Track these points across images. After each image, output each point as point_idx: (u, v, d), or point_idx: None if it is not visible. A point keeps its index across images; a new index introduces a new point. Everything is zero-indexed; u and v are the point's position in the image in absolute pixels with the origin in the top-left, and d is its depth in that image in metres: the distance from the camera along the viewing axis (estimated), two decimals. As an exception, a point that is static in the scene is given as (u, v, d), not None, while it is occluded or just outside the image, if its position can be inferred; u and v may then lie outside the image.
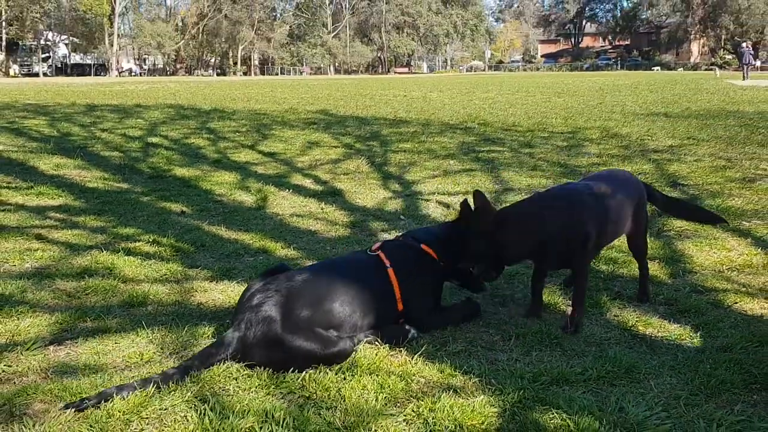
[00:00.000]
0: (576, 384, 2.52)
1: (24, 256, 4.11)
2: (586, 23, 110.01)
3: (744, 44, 40.48)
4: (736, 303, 3.39)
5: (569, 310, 3.30)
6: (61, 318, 3.12)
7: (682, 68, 72.79)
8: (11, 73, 62.29)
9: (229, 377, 2.53)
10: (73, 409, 2.26)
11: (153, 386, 2.38)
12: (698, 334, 2.99)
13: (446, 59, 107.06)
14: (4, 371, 2.61)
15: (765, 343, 2.84)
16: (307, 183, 6.88)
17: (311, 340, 2.60)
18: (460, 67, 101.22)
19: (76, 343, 2.88)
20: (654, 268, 3.97)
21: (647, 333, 3.04)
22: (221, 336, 2.67)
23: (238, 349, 2.59)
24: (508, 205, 3.42)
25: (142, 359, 2.74)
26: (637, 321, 3.15)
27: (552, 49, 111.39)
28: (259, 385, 2.49)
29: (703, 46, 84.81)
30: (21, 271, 3.86)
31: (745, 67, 35.75)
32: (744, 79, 33.07)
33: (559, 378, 2.54)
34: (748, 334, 2.93)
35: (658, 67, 74.43)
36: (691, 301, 3.37)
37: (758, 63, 49.64)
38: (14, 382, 2.53)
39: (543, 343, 2.90)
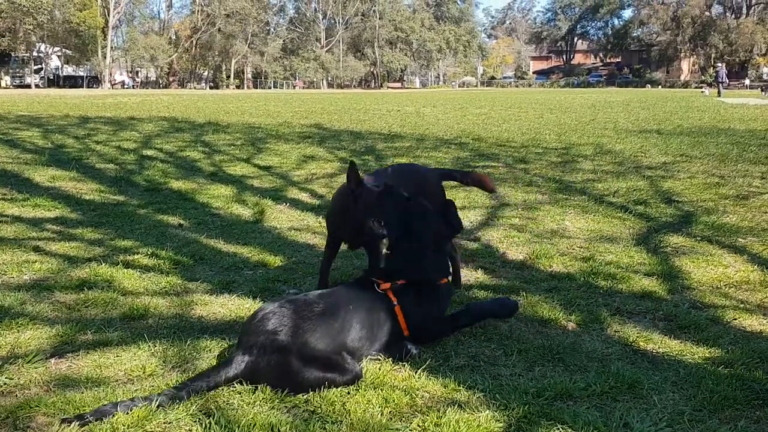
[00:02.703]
0: (580, 399, 2.52)
1: (22, 268, 4.09)
2: (577, 40, 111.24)
3: (719, 64, 45.75)
4: (735, 319, 3.41)
5: (571, 325, 3.32)
6: (62, 330, 3.10)
7: (660, 86, 73.82)
8: (3, 84, 62.12)
9: (233, 391, 2.52)
10: (77, 423, 2.25)
11: (156, 404, 2.36)
12: (699, 350, 3.01)
13: (439, 74, 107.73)
14: (5, 384, 2.59)
15: (765, 359, 2.86)
16: (304, 197, 6.88)
17: (327, 370, 2.56)
18: (453, 83, 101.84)
19: (78, 355, 2.87)
20: (652, 284, 4.00)
21: (648, 348, 3.05)
22: (229, 357, 2.62)
23: (247, 373, 2.54)
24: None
25: (144, 372, 2.72)
26: (637, 337, 3.16)
27: (544, 65, 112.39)
28: (263, 399, 2.48)
29: (693, 65, 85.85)
30: (19, 283, 3.84)
31: (720, 85, 40.34)
32: (719, 96, 37.50)
33: (563, 393, 2.55)
34: (749, 350, 2.95)
35: (649, 85, 75.36)
36: (690, 317, 3.39)
37: (747, 82, 50.65)
38: (16, 395, 2.51)
39: (545, 359, 2.90)
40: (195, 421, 2.32)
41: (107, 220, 5.58)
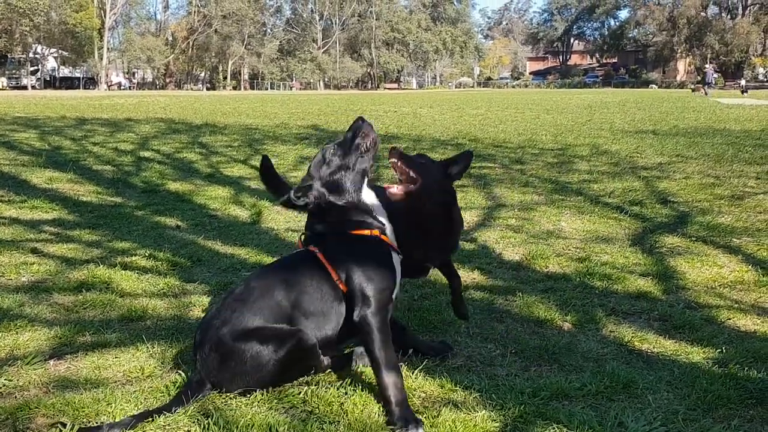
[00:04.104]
0: (575, 399, 2.55)
1: (20, 270, 4.10)
2: (573, 41, 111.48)
3: (707, 66, 48.13)
4: (729, 319, 3.44)
5: (566, 325, 3.35)
6: (60, 332, 3.12)
7: (656, 86, 74.25)
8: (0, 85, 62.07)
9: (232, 395, 2.53)
10: None
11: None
12: (694, 350, 3.04)
13: (435, 75, 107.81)
14: (5, 385, 2.60)
15: (759, 359, 2.88)
16: (301, 198, 6.89)
17: (263, 341, 2.49)
18: (449, 84, 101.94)
19: (76, 357, 2.88)
20: (647, 285, 4.02)
21: (643, 348, 3.07)
22: (189, 380, 2.56)
23: (212, 386, 2.52)
24: None
25: (143, 374, 2.74)
26: (632, 337, 3.19)
27: (540, 66, 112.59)
28: (261, 399, 2.50)
29: (689, 65, 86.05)
30: (18, 285, 3.85)
31: (708, 85, 42.53)
32: (706, 95, 39.67)
33: (559, 393, 2.57)
34: (743, 350, 2.97)
35: (654, 86, 75.59)
36: (685, 317, 3.42)
37: (743, 82, 50.99)
38: (16, 396, 2.53)
39: (542, 359, 2.93)
40: (193, 422, 2.33)
41: (105, 222, 5.59)
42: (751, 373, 2.73)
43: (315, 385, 2.60)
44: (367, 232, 2.70)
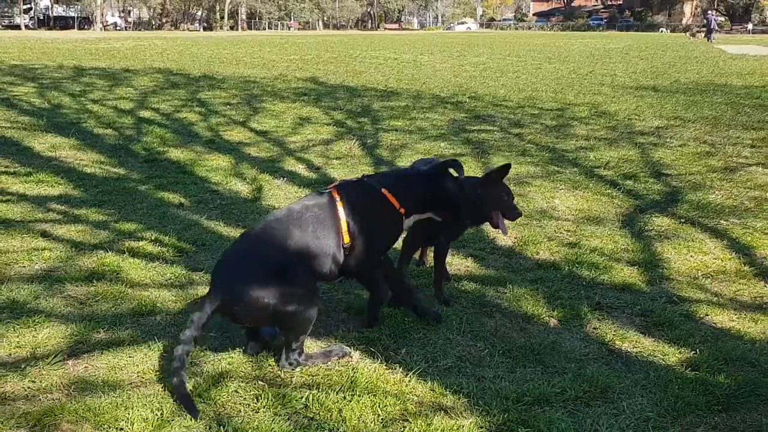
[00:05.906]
0: (555, 404, 2.76)
1: (32, 257, 4.26)
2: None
3: (710, 12, 49.77)
4: (707, 315, 3.64)
5: (553, 321, 3.54)
6: (76, 329, 3.30)
7: (662, 30, 73.07)
8: (-8, 24, 61.04)
9: (241, 402, 2.74)
10: None
11: None
12: (670, 350, 3.24)
13: (437, 15, 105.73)
14: (30, 387, 2.81)
15: (729, 361, 3.09)
16: (301, 169, 7.02)
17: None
18: (451, 24, 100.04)
19: (93, 356, 3.07)
20: (633, 275, 4.21)
21: (623, 348, 3.28)
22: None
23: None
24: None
25: (156, 375, 2.94)
26: (614, 335, 3.39)
27: (544, 7, 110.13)
28: (266, 405, 2.71)
29: (695, 8, 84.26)
30: (31, 273, 4.02)
31: (711, 32, 43.78)
32: (708, 41, 41.54)
33: (541, 398, 2.78)
34: (715, 351, 3.17)
35: (664, 29, 74.15)
36: (666, 314, 3.61)
37: (750, 27, 50.29)
38: (40, 400, 2.73)
39: (527, 359, 3.13)
40: (207, 429, 2.55)
41: (109, 198, 5.72)
42: (719, 378, 2.94)
43: (316, 389, 2.81)
44: None
